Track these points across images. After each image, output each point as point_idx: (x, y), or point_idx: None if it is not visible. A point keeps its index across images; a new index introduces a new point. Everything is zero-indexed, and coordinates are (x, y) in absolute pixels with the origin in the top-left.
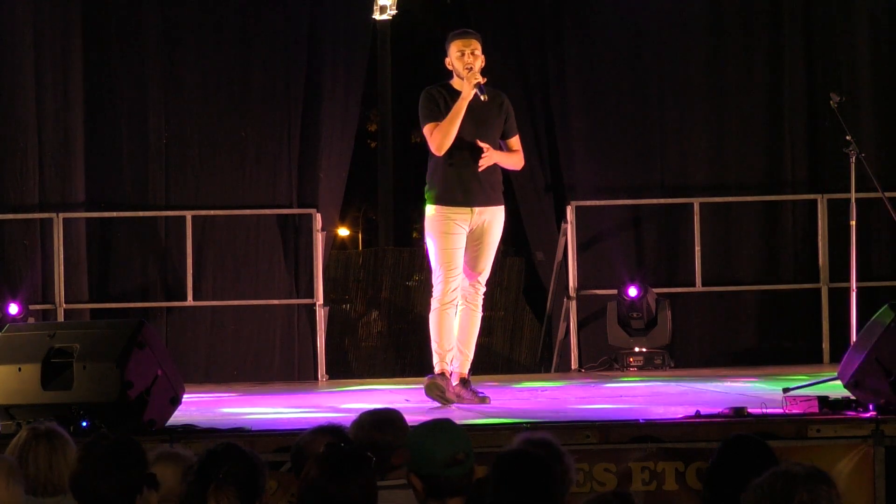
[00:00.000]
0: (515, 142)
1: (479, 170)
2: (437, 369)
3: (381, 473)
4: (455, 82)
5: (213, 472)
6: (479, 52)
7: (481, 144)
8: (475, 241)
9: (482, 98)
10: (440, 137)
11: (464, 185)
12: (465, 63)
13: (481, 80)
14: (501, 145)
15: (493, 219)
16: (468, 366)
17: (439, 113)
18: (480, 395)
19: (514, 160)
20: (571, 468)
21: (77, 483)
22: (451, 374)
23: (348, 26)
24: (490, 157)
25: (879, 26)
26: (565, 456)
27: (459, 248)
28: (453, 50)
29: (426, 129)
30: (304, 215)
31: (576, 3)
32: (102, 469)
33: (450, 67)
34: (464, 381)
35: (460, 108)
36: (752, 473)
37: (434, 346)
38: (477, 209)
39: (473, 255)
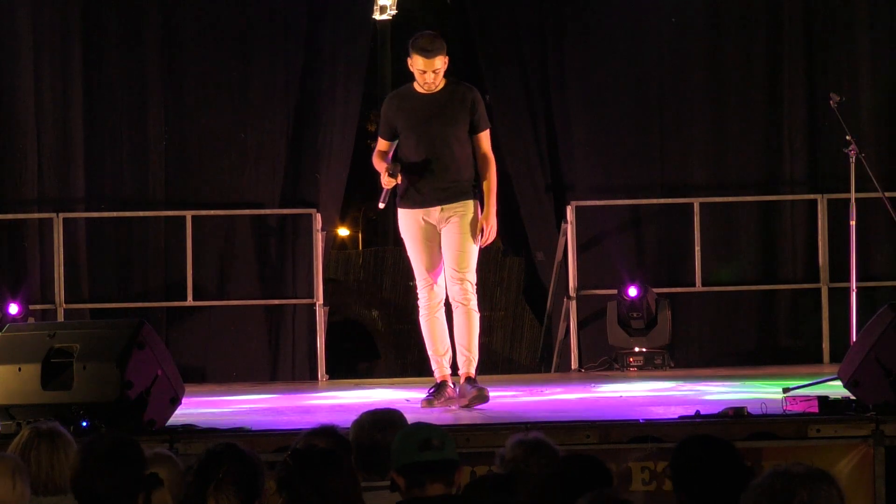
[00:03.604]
0: (484, 137)
1: (483, 245)
2: (436, 375)
3: (382, 475)
4: (417, 84)
5: (213, 472)
6: (440, 66)
7: (483, 235)
8: (448, 239)
9: (380, 205)
10: (375, 164)
11: (423, 186)
12: (426, 81)
13: (389, 186)
14: (471, 141)
15: (461, 213)
16: (474, 365)
17: (388, 132)
18: (479, 386)
19: (492, 181)
20: None
21: (77, 482)
22: (452, 389)
23: (348, 26)
24: (491, 231)
25: (879, 26)
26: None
27: (434, 250)
28: (415, 63)
29: (378, 139)
30: (304, 215)
31: (576, 3)
32: (103, 468)
33: (411, 69)
34: (469, 380)
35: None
36: (712, 469)
37: (430, 352)
38: (438, 208)
39: (451, 254)
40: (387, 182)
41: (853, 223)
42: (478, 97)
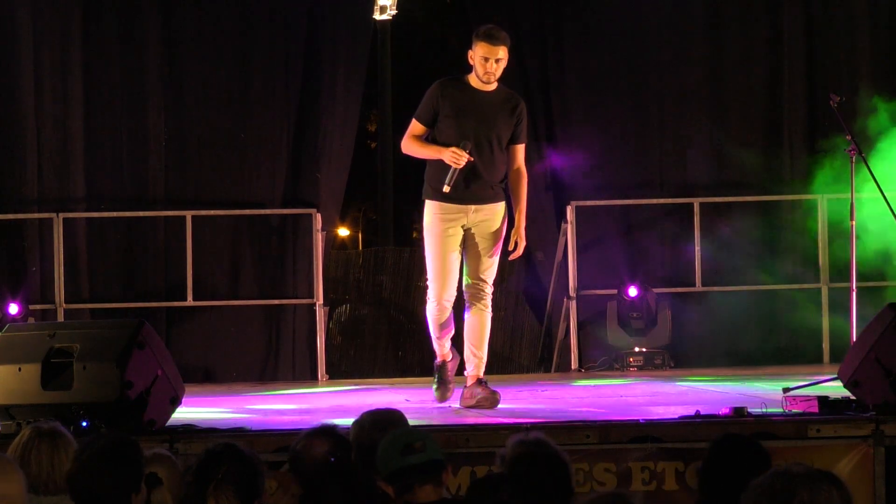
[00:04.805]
0: (520, 150)
1: (514, 258)
2: (437, 354)
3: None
4: (472, 79)
5: (213, 472)
6: (504, 57)
7: (518, 249)
8: (476, 240)
9: (446, 188)
10: (410, 148)
11: (462, 183)
12: (487, 70)
13: (461, 164)
14: (507, 150)
15: (492, 217)
16: (483, 368)
17: (429, 117)
18: (492, 389)
19: (525, 194)
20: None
21: (72, 482)
22: (452, 362)
23: (348, 26)
24: (522, 245)
25: (879, 26)
26: (561, 455)
27: (455, 253)
28: (478, 51)
29: (412, 122)
30: (304, 215)
31: (576, 3)
32: (97, 468)
33: (471, 62)
34: (479, 382)
35: (435, 156)
36: (744, 471)
37: (433, 335)
38: (473, 207)
39: (478, 258)
40: (458, 161)
41: (853, 223)
42: (525, 110)
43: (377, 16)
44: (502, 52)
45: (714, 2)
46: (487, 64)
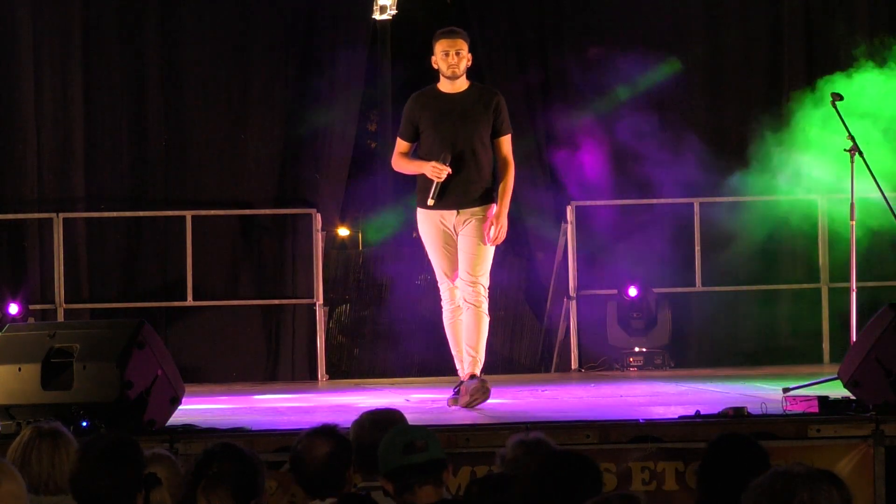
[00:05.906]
0: (505, 141)
1: (493, 244)
2: (459, 371)
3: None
4: (442, 85)
5: (207, 471)
6: (464, 51)
7: (493, 234)
8: (465, 241)
9: (429, 202)
10: (398, 166)
11: (451, 186)
12: (449, 63)
13: (441, 177)
14: (492, 144)
15: (479, 218)
16: (477, 366)
17: (410, 132)
18: (481, 378)
19: (508, 183)
20: None
21: (75, 482)
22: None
23: (348, 26)
24: (501, 230)
25: (879, 25)
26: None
27: (453, 254)
28: (438, 49)
29: (396, 140)
30: (304, 215)
31: (576, 3)
32: (100, 468)
33: (435, 66)
34: (472, 377)
35: (419, 171)
36: (742, 471)
37: (453, 351)
38: (461, 210)
39: (466, 258)
40: (438, 175)
41: (853, 223)
42: (502, 101)
43: (377, 16)
44: (461, 45)
45: (714, 3)
46: (448, 57)
